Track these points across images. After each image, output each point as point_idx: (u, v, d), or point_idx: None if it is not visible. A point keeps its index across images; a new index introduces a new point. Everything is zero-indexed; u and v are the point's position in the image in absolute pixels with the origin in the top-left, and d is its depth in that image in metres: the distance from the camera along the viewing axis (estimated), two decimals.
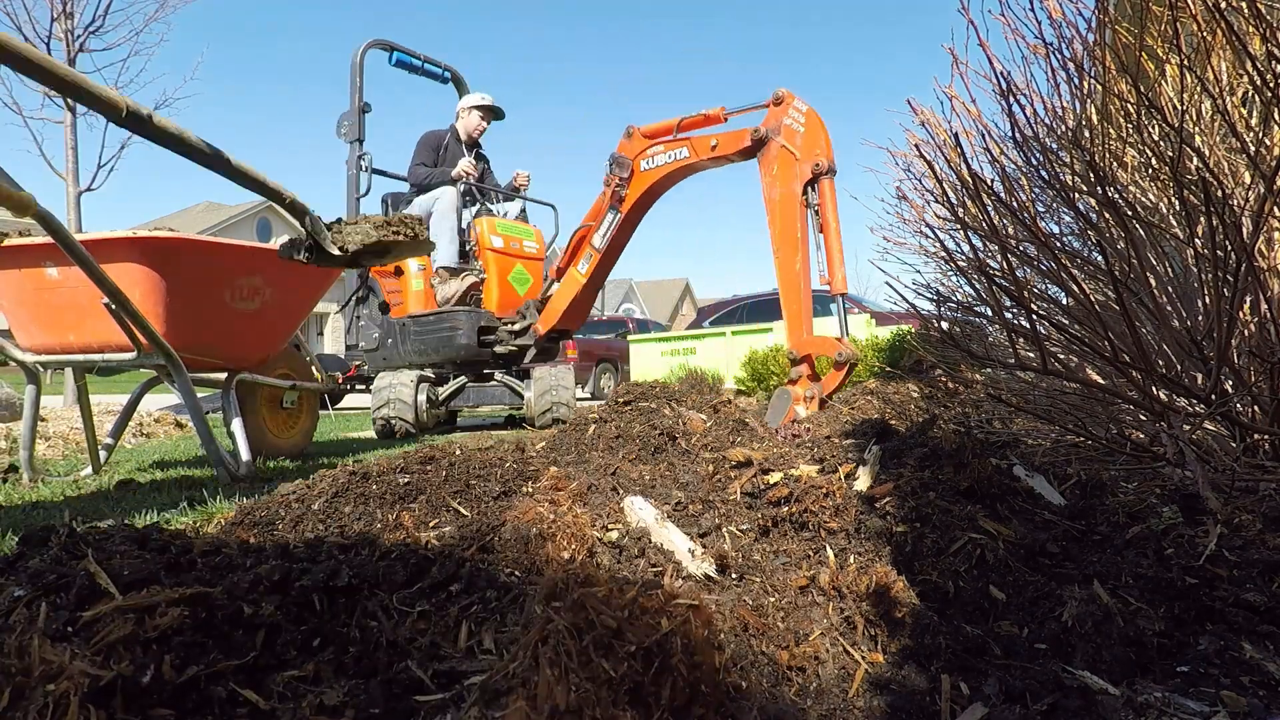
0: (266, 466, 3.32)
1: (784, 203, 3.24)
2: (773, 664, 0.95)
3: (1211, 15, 1.48)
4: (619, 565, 1.20)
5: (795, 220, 3.22)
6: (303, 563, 1.02)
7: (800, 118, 3.34)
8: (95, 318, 2.71)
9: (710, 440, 2.15)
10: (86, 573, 0.88)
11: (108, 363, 2.92)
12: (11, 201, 2.16)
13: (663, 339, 9.37)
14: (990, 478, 1.42)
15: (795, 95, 3.36)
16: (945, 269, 4.08)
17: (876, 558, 1.24)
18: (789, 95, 3.36)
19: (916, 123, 3.13)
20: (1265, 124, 1.69)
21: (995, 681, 0.90)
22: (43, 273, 2.80)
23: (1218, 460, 1.69)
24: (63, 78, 1.34)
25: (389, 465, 1.65)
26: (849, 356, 3.09)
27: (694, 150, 3.71)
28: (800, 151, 3.26)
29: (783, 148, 3.29)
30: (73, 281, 2.74)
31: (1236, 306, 1.37)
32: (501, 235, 4.93)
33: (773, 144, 3.34)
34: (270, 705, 0.77)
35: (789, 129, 3.31)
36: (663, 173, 3.86)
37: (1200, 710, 0.83)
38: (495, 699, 0.69)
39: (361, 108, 4.93)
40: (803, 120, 3.33)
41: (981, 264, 1.78)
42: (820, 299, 3.69)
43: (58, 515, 2.19)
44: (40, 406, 3.03)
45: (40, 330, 2.91)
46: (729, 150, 3.55)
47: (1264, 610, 1.04)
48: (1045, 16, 2.11)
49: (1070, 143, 2.04)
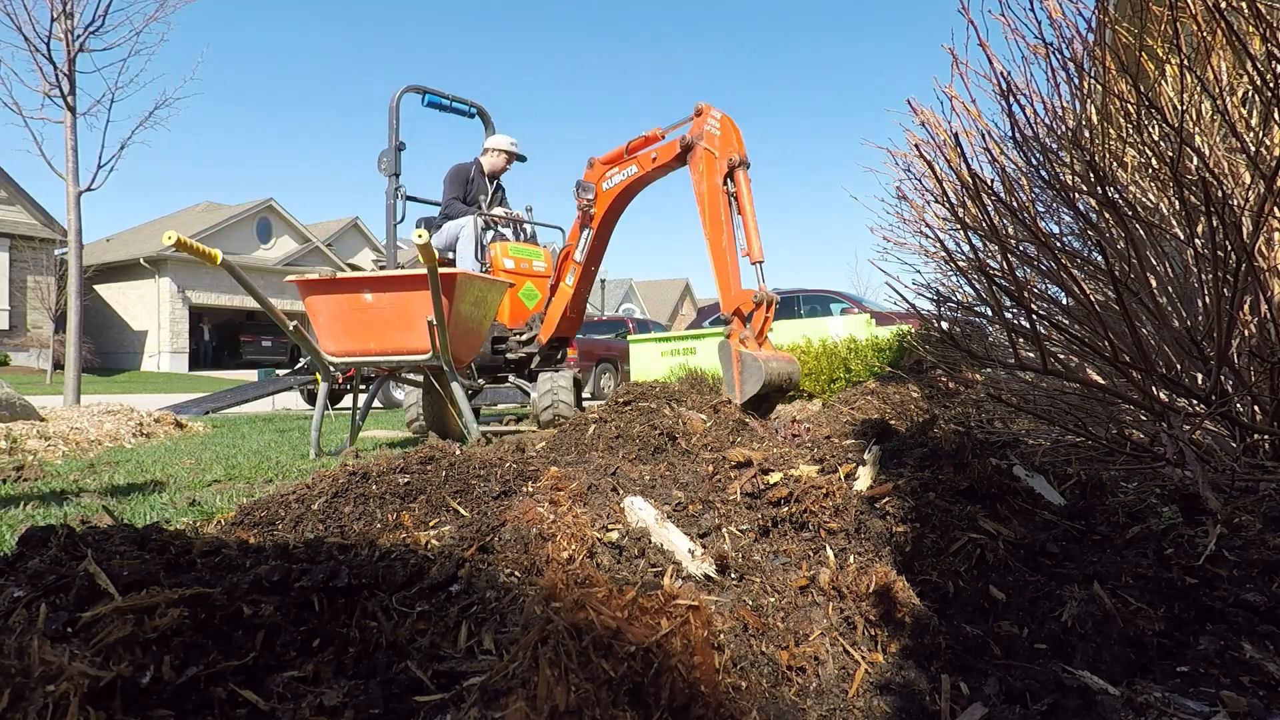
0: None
1: (709, 193, 3.88)
2: (773, 664, 0.95)
3: (1211, 15, 1.48)
4: (619, 565, 1.20)
5: (719, 206, 3.84)
6: (302, 563, 1.02)
7: (716, 124, 3.97)
8: (394, 329, 3.84)
9: (710, 440, 2.15)
10: (86, 573, 0.87)
11: (391, 364, 4.02)
12: (204, 256, 3.29)
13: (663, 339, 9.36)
14: (990, 478, 1.42)
15: (712, 106, 4.02)
16: (945, 269, 4.08)
17: (876, 558, 1.24)
18: (707, 107, 4.01)
19: (916, 123, 3.13)
20: (1265, 124, 1.69)
21: (995, 681, 0.90)
22: (360, 297, 3.86)
23: (1218, 460, 1.69)
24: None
25: (389, 465, 1.64)
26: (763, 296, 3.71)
27: (640, 166, 4.46)
28: (719, 151, 3.89)
29: (705, 149, 3.91)
30: (381, 304, 3.85)
31: (1236, 306, 1.37)
32: (513, 257, 5.63)
33: (697, 148, 3.96)
34: (270, 706, 0.77)
35: (709, 134, 3.94)
36: (620, 189, 4.61)
37: (1200, 710, 0.83)
38: (495, 699, 0.69)
39: (397, 146, 5.62)
40: (718, 125, 3.96)
41: (981, 264, 1.78)
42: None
43: (58, 515, 2.19)
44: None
45: (348, 339, 3.92)
46: (666, 159, 4.25)
47: (1264, 610, 1.04)
48: (1045, 16, 2.11)
49: (1070, 143, 2.04)
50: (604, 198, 4.71)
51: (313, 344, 3.92)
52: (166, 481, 2.96)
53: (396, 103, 5.66)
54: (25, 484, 2.92)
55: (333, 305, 3.90)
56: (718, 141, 3.90)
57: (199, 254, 3.28)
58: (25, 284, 23.22)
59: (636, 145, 4.49)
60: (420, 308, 3.74)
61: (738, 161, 3.85)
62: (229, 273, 3.52)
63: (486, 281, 4.27)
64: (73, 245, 9.16)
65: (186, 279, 25.63)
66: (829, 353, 6.39)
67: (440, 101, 5.99)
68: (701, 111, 3.99)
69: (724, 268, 3.80)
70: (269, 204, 28.33)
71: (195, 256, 3.29)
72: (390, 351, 3.90)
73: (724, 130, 3.94)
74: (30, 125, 9.21)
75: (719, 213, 3.81)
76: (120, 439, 4.87)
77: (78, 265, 9.21)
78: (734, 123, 3.99)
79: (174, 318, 25.51)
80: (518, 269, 5.63)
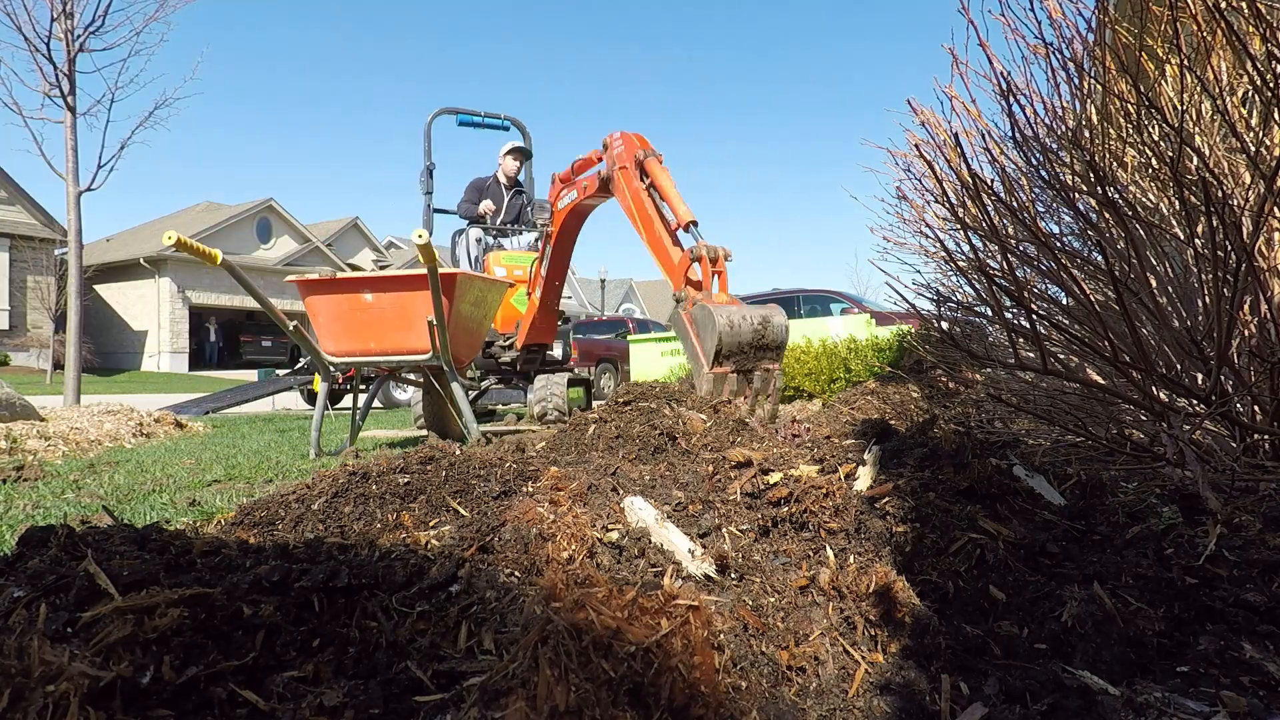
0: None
1: (633, 199, 3.91)
2: (773, 664, 0.95)
3: (1211, 15, 1.48)
4: (619, 565, 1.20)
5: (645, 205, 3.86)
6: (302, 563, 1.02)
7: (619, 143, 4.05)
8: (395, 330, 3.84)
9: (710, 440, 2.15)
10: (86, 573, 0.87)
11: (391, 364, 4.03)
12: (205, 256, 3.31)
13: (663, 339, 9.36)
14: (990, 478, 1.42)
15: (613, 133, 4.14)
16: (945, 269, 4.08)
17: (876, 558, 1.24)
18: (610, 137, 4.13)
19: (916, 123, 3.13)
20: (1265, 124, 1.69)
21: (995, 681, 0.90)
22: (360, 297, 3.86)
23: (1218, 460, 1.69)
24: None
25: (389, 465, 1.64)
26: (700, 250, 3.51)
27: (580, 191, 4.51)
28: (628, 162, 3.96)
29: (620, 170, 3.99)
30: (381, 304, 3.84)
31: (1236, 306, 1.37)
32: (505, 266, 5.80)
33: (614, 175, 4.05)
34: (270, 706, 0.77)
35: (618, 156, 4.03)
36: (566, 211, 4.69)
37: (1200, 710, 0.83)
38: (495, 699, 0.69)
39: (429, 167, 5.94)
40: (622, 144, 4.04)
41: (981, 264, 1.78)
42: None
43: (58, 515, 2.19)
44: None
45: (348, 339, 3.93)
46: (593, 191, 4.34)
47: (1264, 610, 1.04)
48: (1045, 16, 2.11)
49: (1070, 143, 2.04)
50: (558, 216, 4.82)
51: (313, 344, 3.93)
52: (166, 481, 2.96)
53: (429, 126, 5.94)
54: (25, 484, 2.92)
55: (333, 305, 3.92)
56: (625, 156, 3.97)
57: (200, 254, 3.29)
58: (25, 284, 23.21)
59: (579, 168, 4.59)
60: (420, 308, 3.75)
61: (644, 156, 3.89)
62: (229, 273, 3.53)
63: (486, 282, 4.29)
64: (73, 245, 9.17)
65: (186, 279, 25.63)
66: (829, 353, 6.39)
67: (473, 120, 6.22)
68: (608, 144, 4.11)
69: (664, 255, 3.70)
70: (269, 204, 28.32)
71: (196, 257, 3.30)
72: (391, 352, 3.92)
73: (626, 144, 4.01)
74: (30, 125, 9.22)
75: (645, 210, 3.81)
76: (120, 439, 4.87)
77: (78, 265, 9.21)
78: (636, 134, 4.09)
79: (174, 318, 25.50)
80: (509, 276, 5.77)
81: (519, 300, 5.80)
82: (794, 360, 6.47)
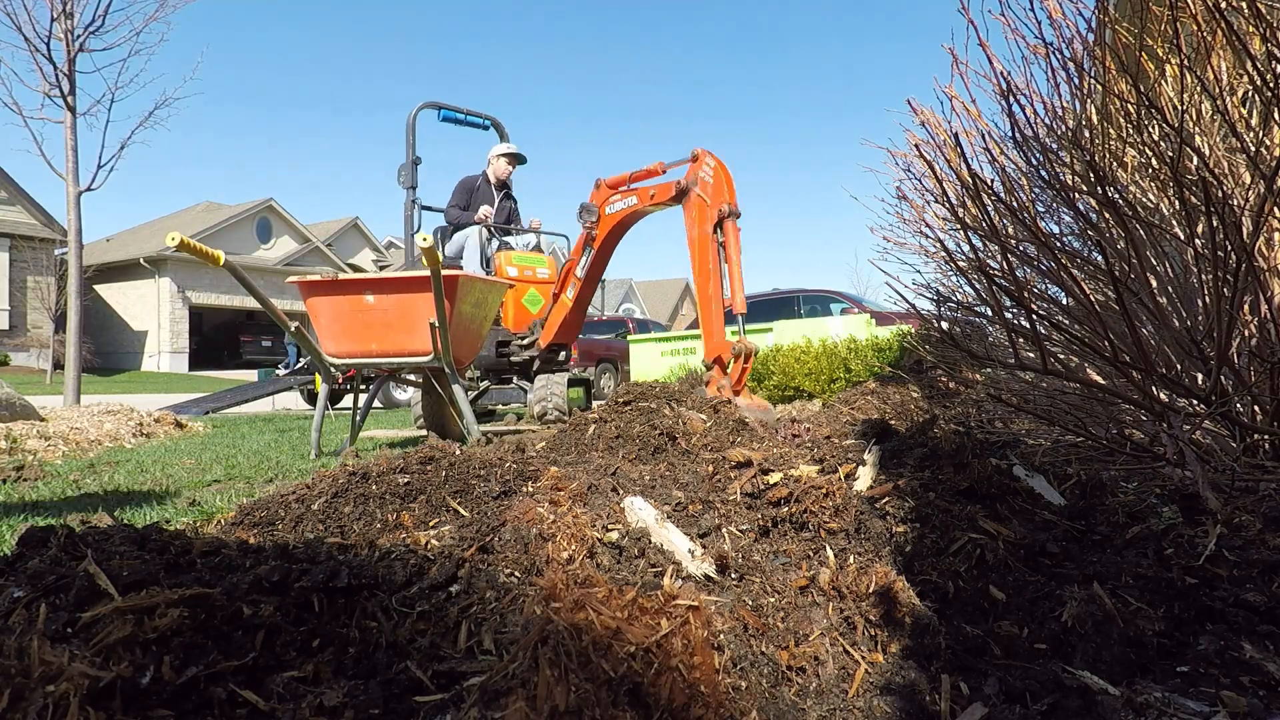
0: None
1: (700, 240, 3.98)
2: (773, 664, 0.95)
3: (1211, 15, 1.48)
4: (619, 566, 1.20)
5: (709, 253, 3.95)
6: (302, 563, 1.02)
7: (710, 171, 4.06)
8: (396, 331, 3.83)
9: (710, 440, 2.15)
10: (86, 574, 0.87)
11: (392, 365, 4.02)
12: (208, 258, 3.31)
13: (663, 339, 9.35)
14: (990, 478, 1.42)
15: (709, 152, 4.13)
16: (945, 269, 4.08)
17: (876, 558, 1.24)
18: (704, 153, 4.12)
19: (916, 123, 3.13)
20: (1265, 124, 1.69)
21: (995, 681, 0.90)
22: (362, 298, 3.84)
23: (1218, 460, 1.69)
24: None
25: (389, 465, 1.64)
26: (742, 348, 3.77)
27: (640, 198, 4.59)
28: (711, 199, 3.99)
29: (699, 195, 4.01)
30: (383, 306, 3.82)
31: (1236, 306, 1.37)
32: (516, 265, 5.81)
33: (692, 193, 4.05)
34: (270, 706, 0.77)
35: (703, 180, 4.04)
36: (620, 217, 4.76)
37: (1200, 710, 0.83)
38: (495, 699, 0.69)
39: (414, 160, 5.83)
40: (712, 173, 4.06)
41: (981, 264, 1.78)
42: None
43: (57, 515, 2.19)
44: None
45: (349, 340, 3.92)
46: (663, 198, 4.40)
47: (1264, 610, 1.04)
48: (1045, 16, 2.10)
49: (1070, 143, 2.04)
50: (606, 221, 4.86)
51: (314, 345, 3.94)
52: (166, 481, 2.96)
53: (413, 119, 5.87)
54: (25, 484, 2.92)
55: (334, 306, 3.93)
56: (710, 190, 4.02)
57: (202, 255, 3.29)
58: (25, 284, 23.21)
59: (639, 176, 4.66)
60: (422, 309, 3.76)
61: (727, 212, 3.98)
62: (231, 274, 3.53)
63: (487, 283, 4.30)
64: (73, 245, 9.17)
65: (186, 279, 25.63)
66: (829, 353, 6.38)
67: (455, 116, 6.17)
68: (698, 157, 4.12)
69: (709, 314, 3.90)
70: (269, 204, 28.32)
71: (198, 258, 3.30)
72: (392, 353, 3.94)
73: (716, 179, 4.05)
74: (30, 125, 9.22)
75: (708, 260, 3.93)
76: (120, 439, 4.87)
77: (78, 265, 9.21)
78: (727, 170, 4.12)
79: (174, 318, 25.51)
80: (521, 276, 5.80)
81: (530, 300, 5.81)
82: (794, 360, 6.47)
